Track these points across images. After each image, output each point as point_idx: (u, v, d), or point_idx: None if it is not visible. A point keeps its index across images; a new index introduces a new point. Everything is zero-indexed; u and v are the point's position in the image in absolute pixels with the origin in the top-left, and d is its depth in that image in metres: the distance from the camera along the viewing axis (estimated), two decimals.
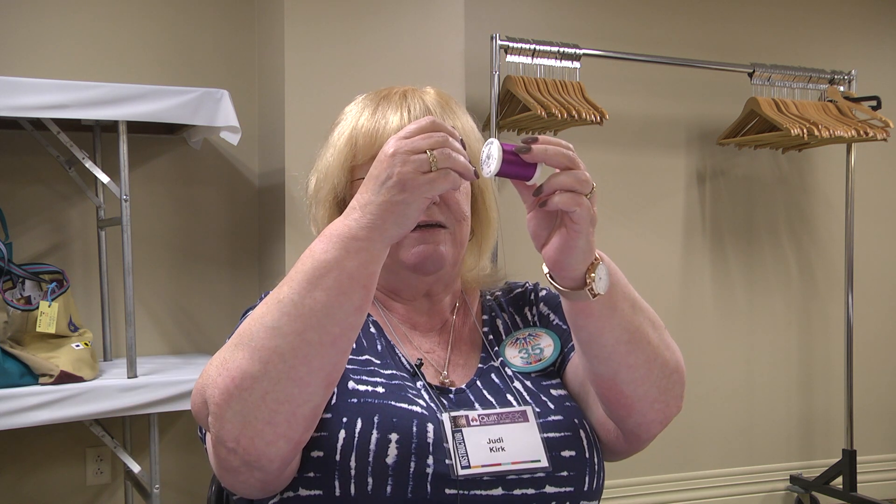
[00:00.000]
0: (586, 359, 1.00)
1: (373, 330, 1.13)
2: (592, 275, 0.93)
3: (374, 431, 0.97)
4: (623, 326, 0.96)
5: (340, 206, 1.15)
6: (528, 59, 2.92)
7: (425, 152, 0.86)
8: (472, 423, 1.02)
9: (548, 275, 0.96)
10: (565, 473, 1.02)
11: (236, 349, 0.88)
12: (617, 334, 0.96)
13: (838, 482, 3.39)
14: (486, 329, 1.18)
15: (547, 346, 1.15)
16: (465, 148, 0.90)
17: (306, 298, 0.86)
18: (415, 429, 0.98)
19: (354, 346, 1.09)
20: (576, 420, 1.07)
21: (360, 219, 0.87)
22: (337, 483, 0.96)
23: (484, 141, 1.20)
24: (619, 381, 0.99)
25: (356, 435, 0.97)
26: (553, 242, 0.92)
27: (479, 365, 1.14)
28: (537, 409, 1.06)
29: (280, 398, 0.87)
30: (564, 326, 1.17)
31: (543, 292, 1.25)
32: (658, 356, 0.99)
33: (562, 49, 2.95)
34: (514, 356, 1.14)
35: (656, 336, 1.00)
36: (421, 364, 1.10)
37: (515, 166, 0.91)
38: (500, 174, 0.90)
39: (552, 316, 1.20)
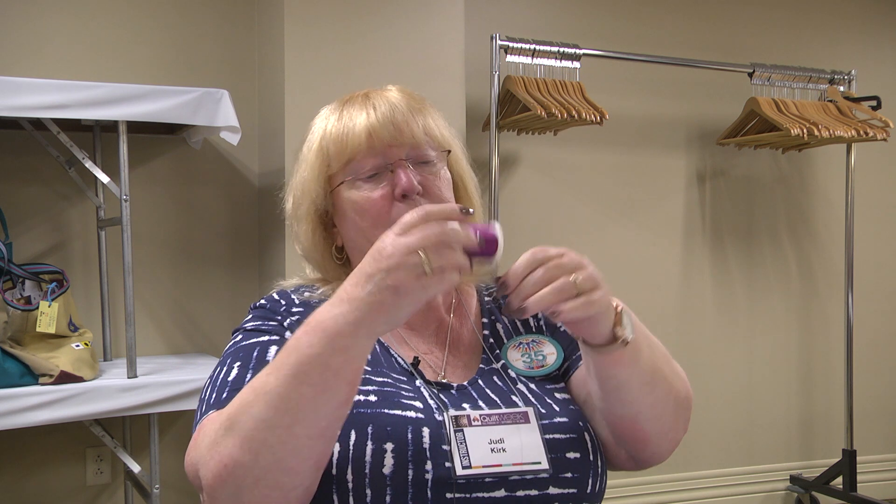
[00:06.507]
0: (610, 404, 1.02)
1: None
2: (619, 327, 0.95)
3: (369, 442, 0.96)
4: (646, 368, 0.99)
5: (322, 219, 1.16)
6: (528, 59, 2.92)
7: (419, 253, 0.81)
8: (473, 423, 1.02)
9: (580, 340, 0.98)
10: (569, 475, 1.02)
11: (227, 434, 0.88)
12: (642, 377, 0.99)
13: (838, 482, 3.39)
14: (486, 332, 1.17)
15: (550, 353, 1.15)
16: (472, 213, 0.87)
17: (292, 393, 0.85)
18: (410, 436, 0.97)
19: None
20: (580, 423, 1.07)
21: (347, 314, 0.84)
22: (335, 497, 0.96)
23: (457, 136, 1.20)
24: (640, 421, 1.02)
25: (351, 447, 0.97)
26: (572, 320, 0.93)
27: (481, 366, 1.13)
28: (542, 411, 1.06)
29: (271, 484, 0.87)
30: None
31: None
32: (672, 389, 1.03)
33: (562, 49, 2.95)
34: (517, 359, 1.14)
35: (668, 369, 1.03)
36: (417, 362, 1.09)
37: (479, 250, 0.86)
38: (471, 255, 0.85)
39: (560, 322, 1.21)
